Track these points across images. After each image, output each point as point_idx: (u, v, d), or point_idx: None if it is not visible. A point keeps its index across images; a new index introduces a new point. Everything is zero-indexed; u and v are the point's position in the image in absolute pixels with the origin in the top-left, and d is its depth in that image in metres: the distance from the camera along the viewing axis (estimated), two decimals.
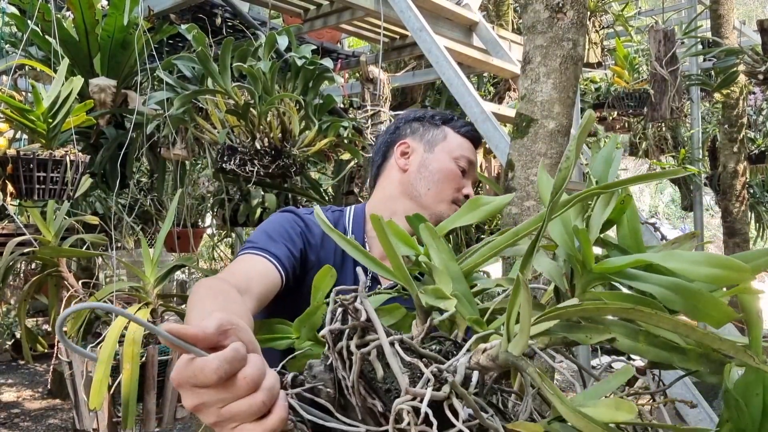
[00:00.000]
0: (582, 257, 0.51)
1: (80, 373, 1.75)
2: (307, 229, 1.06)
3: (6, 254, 2.02)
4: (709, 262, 0.44)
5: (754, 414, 0.45)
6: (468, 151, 1.18)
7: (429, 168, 1.14)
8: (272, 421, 0.45)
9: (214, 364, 0.43)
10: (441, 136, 1.18)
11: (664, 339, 0.47)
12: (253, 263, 0.93)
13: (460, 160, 1.16)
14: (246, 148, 2.22)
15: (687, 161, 5.22)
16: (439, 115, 1.23)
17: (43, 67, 2.15)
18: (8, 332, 5.10)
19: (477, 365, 0.48)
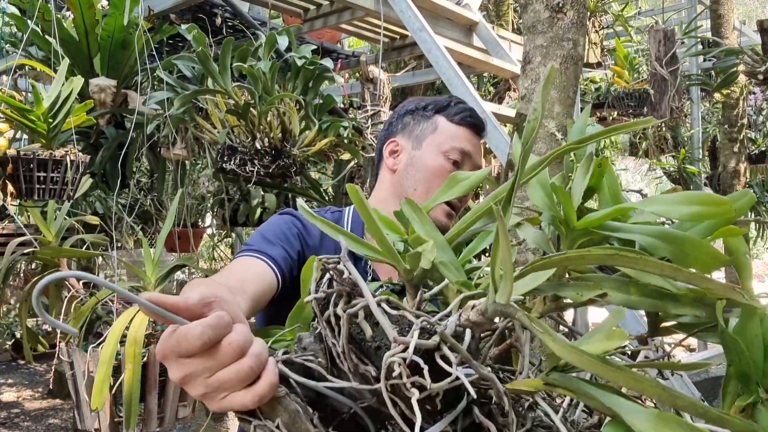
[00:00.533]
0: (564, 215, 0.50)
1: (81, 373, 1.75)
2: (305, 230, 1.04)
3: (7, 254, 2.02)
4: (689, 200, 0.44)
5: (755, 356, 0.44)
6: (461, 141, 1.10)
7: (416, 166, 1.09)
8: (261, 386, 0.43)
9: (197, 330, 0.41)
10: (430, 129, 1.11)
11: (654, 286, 0.46)
12: (248, 265, 0.92)
13: (451, 152, 1.08)
14: (246, 148, 2.22)
15: (687, 161, 5.22)
16: (432, 104, 1.14)
17: (43, 67, 2.15)
18: (8, 332, 5.10)
19: (468, 322, 0.48)
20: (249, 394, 0.43)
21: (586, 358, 0.39)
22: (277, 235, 1.00)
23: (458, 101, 1.14)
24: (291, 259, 0.98)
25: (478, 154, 1.12)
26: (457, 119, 1.10)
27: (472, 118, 1.12)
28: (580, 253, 0.43)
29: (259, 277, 0.90)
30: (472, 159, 1.10)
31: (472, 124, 1.11)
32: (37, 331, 4.70)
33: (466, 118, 1.11)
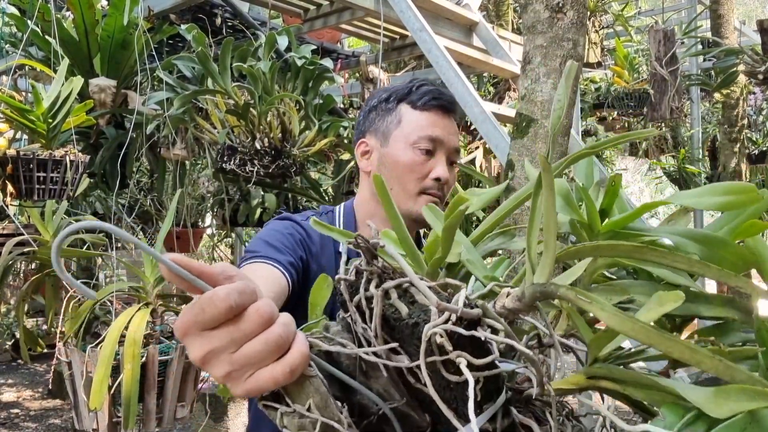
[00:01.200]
0: (588, 219, 0.49)
1: (80, 373, 1.75)
2: (306, 236, 1.01)
3: (5, 254, 2.02)
4: (716, 192, 0.43)
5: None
6: (429, 128, 1.02)
7: (386, 164, 1.03)
8: (293, 356, 0.39)
9: (223, 292, 0.37)
10: (395, 122, 1.04)
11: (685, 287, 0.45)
12: (257, 269, 0.89)
13: (420, 142, 1.01)
14: (246, 148, 2.22)
15: (687, 161, 5.22)
16: (395, 94, 1.06)
17: (43, 67, 2.15)
18: (8, 332, 5.10)
19: (504, 309, 0.44)
20: (279, 366, 0.38)
21: (639, 326, 0.36)
22: (281, 241, 0.97)
23: (420, 83, 1.06)
24: (297, 264, 0.95)
25: (451, 135, 1.05)
26: (420, 104, 1.03)
27: (437, 99, 1.04)
28: (611, 243, 0.42)
29: (272, 282, 0.87)
30: (445, 143, 1.03)
31: (438, 106, 1.04)
32: (36, 332, 4.70)
33: (430, 102, 1.03)
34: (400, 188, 1.01)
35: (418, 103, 1.03)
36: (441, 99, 1.04)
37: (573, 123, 1.99)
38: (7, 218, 2.30)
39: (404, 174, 1.01)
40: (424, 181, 1.01)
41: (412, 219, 1.01)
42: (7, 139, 1.98)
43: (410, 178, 1.01)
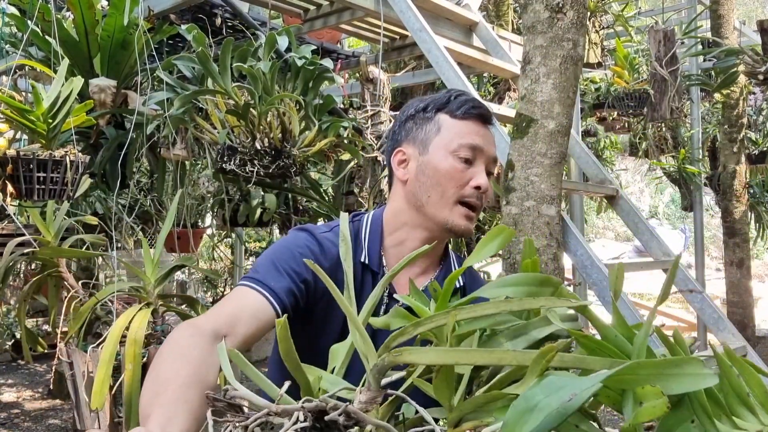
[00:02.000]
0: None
1: (81, 373, 1.75)
2: (320, 252, 1.00)
3: (6, 255, 2.02)
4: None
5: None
6: (469, 136, 1.02)
7: (426, 172, 1.03)
8: None
9: None
10: (434, 130, 1.04)
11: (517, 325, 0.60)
12: (246, 300, 0.90)
13: (460, 150, 1.01)
14: (246, 148, 2.22)
15: (687, 161, 5.22)
16: (432, 103, 1.07)
17: (43, 68, 2.15)
18: (8, 332, 5.10)
19: (361, 404, 0.53)
20: None
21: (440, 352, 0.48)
22: (288, 261, 0.96)
23: (458, 93, 1.07)
24: (298, 289, 0.95)
25: (490, 145, 1.06)
26: (460, 113, 1.04)
27: (476, 108, 1.05)
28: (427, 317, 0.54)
29: (253, 317, 0.88)
30: (485, 152, 1.04)
31: (477, 116, 1.05)
32: (37, 332, 4.70)
33: (470, 111, 1.04)
34: (439, 196, 1.01)
35: (457, 112, 1.04)
36: (480, 108, 1.05)
37: (573, 123, 1.99)
38: (7, 218, 2.30)
39: (444, 181, 1.01)
40: (464, 188, 1.01)
41: (446, 229, 1.01)
42: (7, 139, 1.98)
43: (450, 186, 1.01)
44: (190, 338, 0.78)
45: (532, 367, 0.44)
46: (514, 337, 0.58)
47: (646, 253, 2.44)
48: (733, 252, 4.66)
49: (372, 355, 0.56)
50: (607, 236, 13.57)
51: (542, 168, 1.82)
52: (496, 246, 0.67)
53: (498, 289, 0.60)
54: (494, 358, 0.46)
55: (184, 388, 0.70)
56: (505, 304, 0.52)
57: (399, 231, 1.06)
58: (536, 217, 1.80)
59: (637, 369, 0.41)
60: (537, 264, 0.65)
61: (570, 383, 0.38)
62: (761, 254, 11.07)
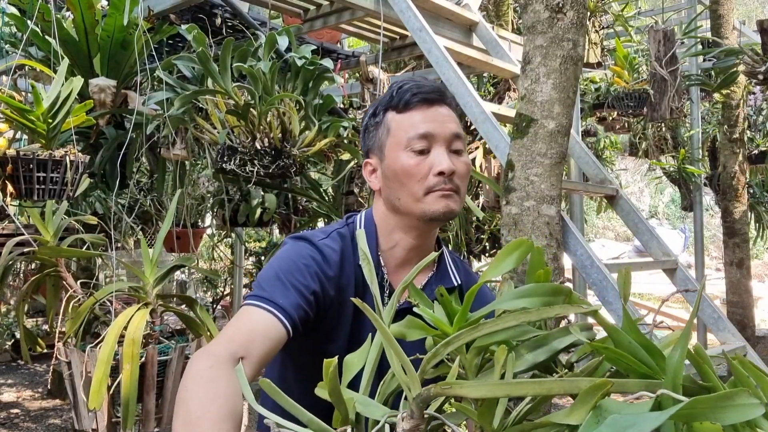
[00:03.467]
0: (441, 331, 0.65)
1: (79, 373, 1.75)
2: (323, 261, 0.99)
3: (5, 254, 2.02)
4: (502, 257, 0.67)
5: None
6: (416, 126, 0.99)
7: (390, 177, 1.01)
8: None
9: None
10: (385, 133, 1.02)
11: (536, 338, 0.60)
12: (256, 322, 0.89)
13: (411, 143, 0.98)
14: (246, 148, 2.22)
15: (687, 161, 5.22)
16: (380, 105, 1.04)
17: (43, 68, 2.14)
18: (8, 332, 5.10)
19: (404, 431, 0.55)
20: None
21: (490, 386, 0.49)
22: (293, 274, 0.95)
23: (400, 85, 1.03)
24: (306, 302, 0.94)
25: (446, 124, 1.00)
26: (402, 106, 1.00)
27: (417, 95, 1.00)
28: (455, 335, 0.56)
29: (265, 337, 0.87)
30: (438, 135, 0.99)
31: (420, 101, 1.00)
32: (36, 332, 4.70)
33: (410, 100, 1.00)
34: (407, 195, 0.99)
35: (400, 105, 1.01)
36: (421, 93, 1.01)
37: (573, 123, 1.99)
38: (7, 218, 2.30)
39: (406, 180, 0.99)
40: (427, 179, 0.98)
41: (426, 220, 0.99)
42: (7, 139, 1.98)
43: (412, 183, 0.98)
44: (211, 370, 0.77)
45: (584, 398, 0.45)
46: (535, 349, 0.59)
47: (646, 253, 2.44)
48: (733, 252, 4.66)
49: (416, 384, 0.56)
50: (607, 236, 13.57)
51: (542, 168, 1.82)
52: (514, 260, 0.66)
53: (513, 301, 0.61)
54: (545, 388, 0.47)
55: (219, 424, 0.69)
56: (525, 315, 0.54)
57: (390, 234, 1.06)
58: (536, 217, 1.80)
59: (695, 405, 0.43)
60: (549, 274, 0.65)
61: (634, 422, 0.40)
62: (761, 254, 11.07)
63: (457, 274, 1.10)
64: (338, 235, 1.05)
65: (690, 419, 0.43)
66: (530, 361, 0.58)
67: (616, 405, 0.44)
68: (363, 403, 0.64)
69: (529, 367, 0.58)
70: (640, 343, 0.52)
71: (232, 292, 5.50)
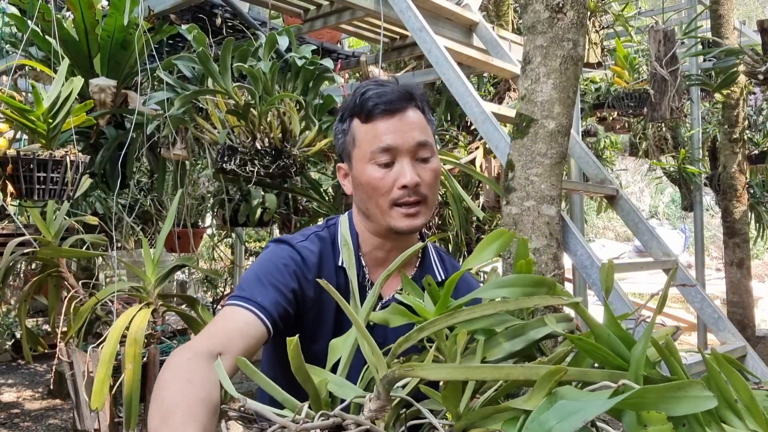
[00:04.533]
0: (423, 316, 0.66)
1: (81, 373, 1.75)
2: (302, 262, 1.00)
3: (6, 254, 2.02)
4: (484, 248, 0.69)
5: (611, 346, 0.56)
6: (379, 138, 0.96)
7: (358, 187, 1.01)
8: None
9: None
10: (351, 142, 1.01)
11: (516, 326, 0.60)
12: (236, 319, 0.90)
13: (375, 157, 0.96)
14: (246, 148, 2.22)
15: (687, 161, 5.22)
16: (346, 111, 1.02)
17: (43, 68, 2.15)
18: (8, 332, 5.10)
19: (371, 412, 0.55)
20: None
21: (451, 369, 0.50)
22: (272, 274, 0.97)
23: (363, 91, 1.00)
24: (286, 301, 0.95)
25: (409, 133, 0.97)
26: (365, 116, 0.98)
27: (378, 105, 0.97)
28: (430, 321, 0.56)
29: (244, 334, 0.88)
30: (401, 147, 0.96)
31: (383, 112, 0.97)
32: (37, 332, 4.70)
33: (373, 111, 0.97)
34: (374, 206, 0.99)
35: (363, 116, 0.99)
36: (382, 102, 0.97)
37: (573, 123, 1.99)
38: (7, 218, 2.30)
39: (371, 192, 0.98)
40: (392, 193, 0.97)
41: (394, 232, 1.01)
42: (7, 139, 1.98)
43: (377, 195, 0.97)
44: (189, 362, 0.78)
45: (540, 384, 0.46)
46: (513, 338, 0.59)
47: (646, 253, 2.44)
48: (733, 252, 4.66)
49: (382, 366, 0.57)
50: (607, 236, 13.57)
51: (542, 168, 1.82)
52: (494, 249, 0.68)
53: (494, 290, 0.62)
54: (503, 374, 0.48)
55: (193, 409, 0.69)
56: (503, 305, 0.55)
57: (369, 238, 1.07)
58: (536, 217, 1.80)
59: (644, 393, 0.43)
60: (531, 264, 0.66)
61: (581, 407, 0.40)
62: (761, 254, 11.07)
63: (442, 270, 1.11)
64: (317, 238, 1.06)
65: (638, 407, 0.43)
66: (507, 350, 0.58)
67: (573, 393, 0.44)
68: (338, 384, 0.65)
69: (506, 356, 0.59)
70: (619, 337, 0.52)
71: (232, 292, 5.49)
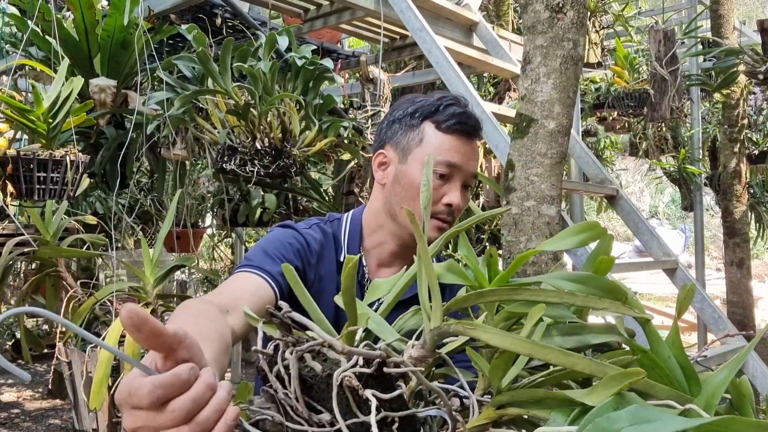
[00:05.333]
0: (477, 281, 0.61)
1: (80, 373, 1.75)
2: (306, 246, 1.02)
3: (5, 254, 2.02)
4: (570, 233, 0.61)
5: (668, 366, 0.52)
6: (449, 153, 1.00)
7: (401, 183, 1.01)
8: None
9: (147, 388, 0.42)
10: (417, 140, 1.01)
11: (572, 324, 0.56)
12: (245, 281, 0.92)
13: (438, 166, 0.98)
14: (246, 148, 2.22)
15: (687, 161, 5.22)
16: (421, 110, 1.03)
17: (43, 67, 2.14)
18: (8, 332, 5.09)
19: (411, 359, 0.51)
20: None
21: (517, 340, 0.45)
22: (278, 249, 0.98)
23: (449, 102, 1.03)
24: None
25: (470, 161, 1.03)
26: (444, 127, 1.01)
27: (462, 124, 1.01)
28: (491, 289, 0.53)
29: (253, 294, 0.89)
30: (462, 169, 1.01)
31: (462, 132, 1.01)
32: (37, 332, 4.70)
33: (454, 126, 1.00)
34: (412, 209, 0.97)
35: (443, 124, 1.01)
36: (466, 123, 1.01)
37: (573, 123, 1.99)
38: (7, 218, 2.30)
39: (417, 196, 0.98)
40: (436, 205, 0.99)
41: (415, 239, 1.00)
42: (7, 139, 1.98)
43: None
44: (201, 303, 0.79)
45: (608, 383, 0.43)
46: (567, 334, 0.56)
47: (646, 253, 2.44)
48: (733, 252, 4.66)
49: (437, 316, 0.53)
50: None
51: (542, 168, 1.82)
52: (578, 241, 0.60)
53: (562, 281, 0.57)
54: (570, 361, 0.45)
55: (205, 335, 0.67)
56: (570, 297, 0.50)
57: (378, 233, 1.06)
58: (536, 217, 1.80)
59: (730, 424, 0.40)
60: (611, 263, 0.59)
61: (658, 418, 0.38)
62: (761, 254, 11.07)
63: None
64: (319, 229, 1.07)
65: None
66: (557, 344, 0.54)
67: (641, 402, 0.42)
68: (377, 323, 0.62)
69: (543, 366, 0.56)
70: (679, 362, 0.49)
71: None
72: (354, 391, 0.44)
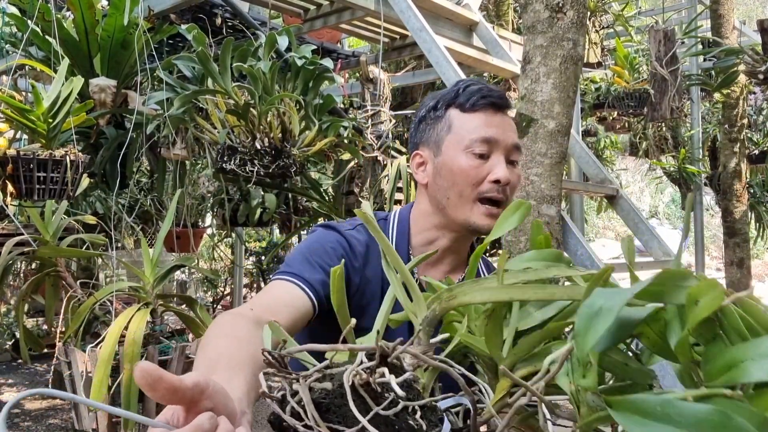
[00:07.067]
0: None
1: (80, 373, 1.75)
2: (350, 250, 0.99)
3: (5, 254, 2.02)
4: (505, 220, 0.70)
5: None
6: (481, 129, 0.97)
7: (442, 174, 0.99)
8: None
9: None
10: (445, 129, 1.00)
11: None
12: (283, 291, 0.90)
13: (473, 146, 0.96)
14: (246, 148, 2.22)
15: (687, 161, 5.22)
16: (442, 100, 1.02)
17: (43, 67, 2.15)
18: (8, 332, 5.10)
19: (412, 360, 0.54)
20: None
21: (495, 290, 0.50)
22: (320, 255, 0.96)
23: (467, 84, 1.02)
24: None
25: (507, 132, 0.99)
26: (469, 106, 0.99)
27: (486, 98, 0.99)
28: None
29: (291, 306, 0.87)
30: (501, 142, 0.98)
31: (488, 104, 0.99)
32: (37, 332, 4.70)
33: (478, 101, 0.98)
34: (457, 196, 0.98)
35: (466, 105, 0.99)
36: (490, 96, 0.99)
37: (573, 123, 1.99)
38: (6, 218, 2.30)
39: (460, 181, 0.97)
40: (482, 185, 0.96)
41: (469, 229, 0.99)
42: (7, 139, 1.98)
43: (466, 185, 0.96)
44: (234, 320, 0.77)
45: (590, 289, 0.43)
46: (542, 307, 0.58)
47: (647, 253, 2.44)
48: (733, 252, 4.66)
49: (421, 308, 0.56)
50: (607, 236, 13.57)
51: (542, 168, 1.82)
52: (516, 219, 0.68)
53: (518, 263, 0.63)
54: (547, 293, 0.48)
55: (237, 361, 0.67)
56: (524, 274, 0.55)
57: (428, 231, 1.04)
58: (536, 217, 1.80)
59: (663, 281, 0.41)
60: (549, 239, 0.67)
61: (622, 290, 0.39)
62: (761, 254, 11.07)
63: (483, 267, 1.11)
64: (364, 229, 1.03)
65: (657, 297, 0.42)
66: (539, 318, 0.56)
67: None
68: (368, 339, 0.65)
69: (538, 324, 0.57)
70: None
71: (232, 292, 5.50)
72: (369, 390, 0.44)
